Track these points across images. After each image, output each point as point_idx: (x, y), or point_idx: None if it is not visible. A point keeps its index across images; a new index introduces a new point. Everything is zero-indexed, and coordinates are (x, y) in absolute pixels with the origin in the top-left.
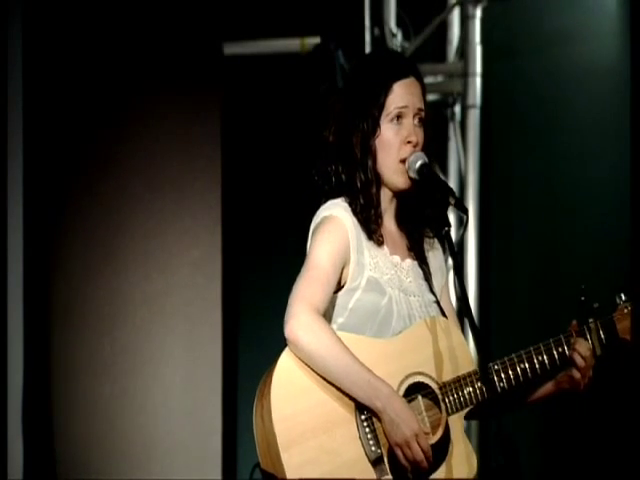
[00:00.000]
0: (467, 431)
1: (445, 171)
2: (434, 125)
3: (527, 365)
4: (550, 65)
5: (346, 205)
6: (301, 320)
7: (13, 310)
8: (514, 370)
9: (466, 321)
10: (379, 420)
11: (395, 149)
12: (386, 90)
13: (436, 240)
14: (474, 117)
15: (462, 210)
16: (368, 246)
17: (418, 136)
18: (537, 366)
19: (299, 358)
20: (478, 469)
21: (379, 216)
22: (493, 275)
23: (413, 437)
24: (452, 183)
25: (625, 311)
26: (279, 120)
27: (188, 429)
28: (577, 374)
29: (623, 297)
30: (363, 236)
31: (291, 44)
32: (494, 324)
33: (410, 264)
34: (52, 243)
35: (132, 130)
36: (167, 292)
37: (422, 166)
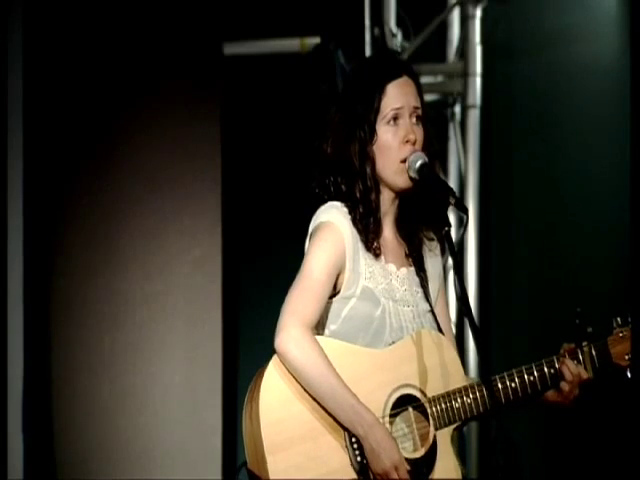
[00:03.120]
0: (467, 431)
1: (445, 171)
2: (434, 125)
3: (518, 384)
4: (550, 65)
5: (345, 210)
6: (291, 334)
7: (13, 310)
8: (504, 389)
9: (466, 321)
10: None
11: (395, 150)
12: (380, 93)
13: (435, 244)
14: (474, 117)
15: (462, 210)
16: (364, 254)
17: (416, 134)
18: (528, 385)
19: None
20: None
21: (378, 224)
22: (493, 275)
23: (392, 468)
24: (452, 183)
25: (620, 335)
26: (279, 120)
27: (188, 429)
28: (566, 386)
29: (619, 321)
30: (360, 244)
31: (291, 44)
32: (494, 324)
33: (406, 272)
34: (52, 243)
35: (132, 130)
36: (167, 292)
37: (422, 166)
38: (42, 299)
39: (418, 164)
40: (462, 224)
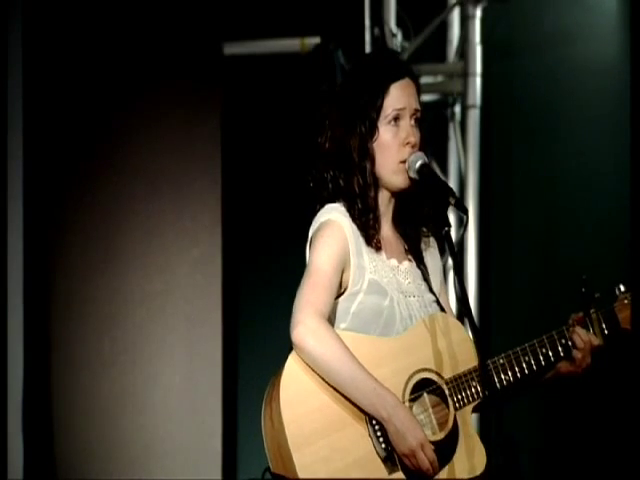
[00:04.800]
0: None
1: (445, 171)
2: (434, 125)
3: (532, 358)
4: (550, 65)
5: (344, 209)
6: (308, 325)
7: (13, 310)
8: (519, 364)
9: (466, 321)
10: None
11: (394, 151)
12: (383, 92)
13: (432, 239)
14: (474, 117)
15: (462, 210)
16: (366, 250)
17: (416, 137)
18: (541, 358)
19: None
20: (487, 462)
21: (377, 220)
22: (493, 275)
23: (419, 447)
24: (452, 183)
25: (625, 301)
26: (279, 120)
27: (188, 429)
28: (578, 354)
29: (622, 288)
30: (361, 240)
31: (291, 44)
32: (494, 324)
33: (408, 266)
34: (52, 243)
35: (132, 130)
36: (167, 292)
37: (422, 166)
38: (42, 299)
39: (418, 164)
40: (462, 224)
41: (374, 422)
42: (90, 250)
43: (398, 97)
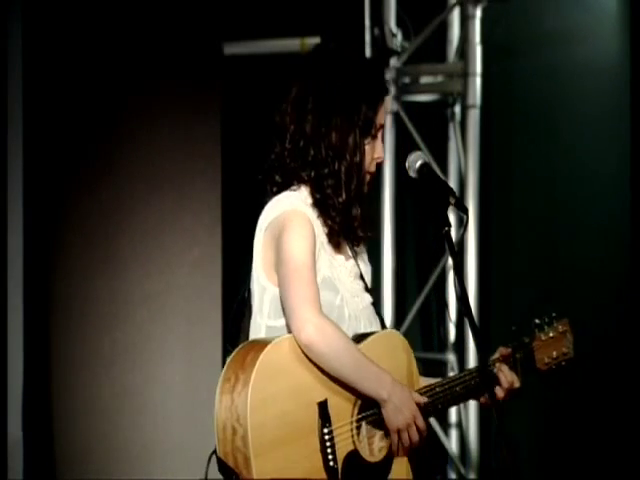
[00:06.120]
0: (466, 431)
1: (445, 171)
2: (434, 125)
3: (459, 389)
4: (550, 65)
5: (303, 198)
6: (315, 324)
7: (13, 310)
8: (453, 394)
9: (466, 321)
10: (339, 434)
11: (368, 161)
12: (379, 102)
13: (363, 245)
14: (474, 117)
15: (462, 210)
16: (323, 244)
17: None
18: (469, 390)
19: (280, 361)
20: None
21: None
22: (493, 275)
23: (412, 418)
24: (452, 183)
25: (543, 338)
26: None
27: (188, 429)
28: (500, 392)
29: (537, 321)
30: (321, 231)
31: (291, 44)
32: (494, 324)
33: (352, 264)
34: (52, 243)
35: (132, 130)
36: (167, 291)
37: (422, 166)
38: (42, 299)
39: (418, 164)
40: (462, 224)
41: (326, 437)
42: (90, 250)
43: (383, 113)
